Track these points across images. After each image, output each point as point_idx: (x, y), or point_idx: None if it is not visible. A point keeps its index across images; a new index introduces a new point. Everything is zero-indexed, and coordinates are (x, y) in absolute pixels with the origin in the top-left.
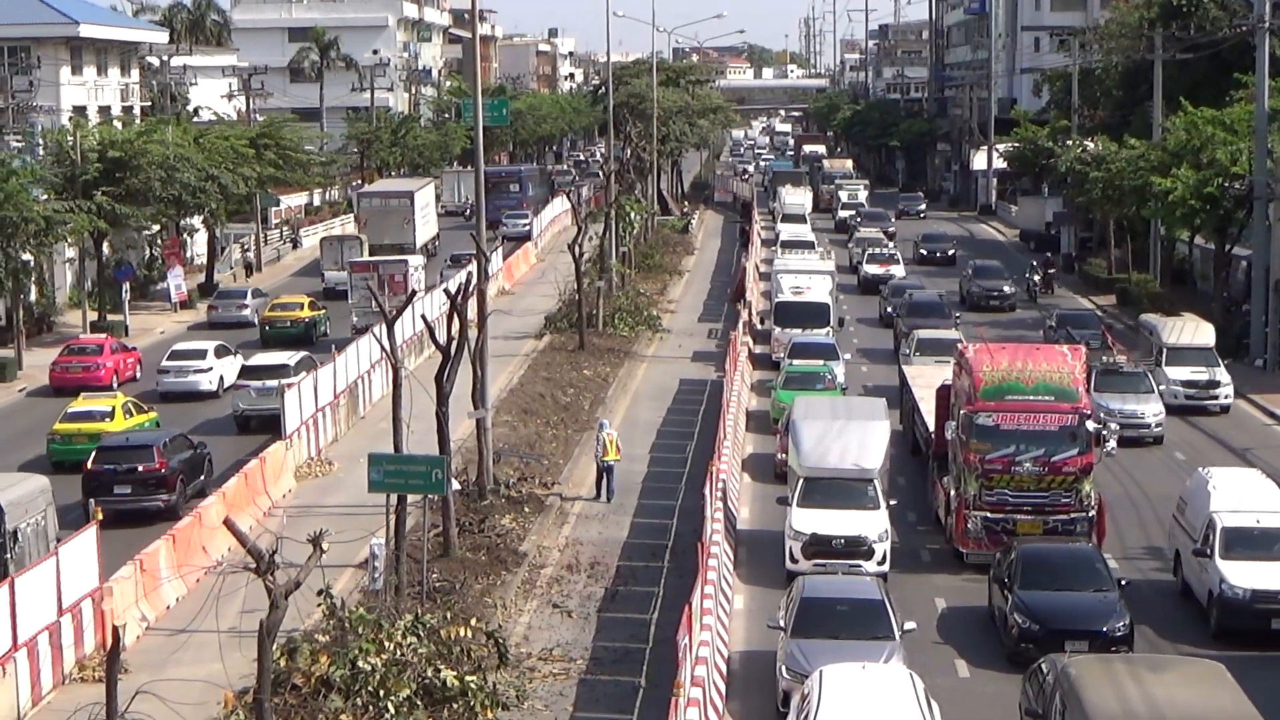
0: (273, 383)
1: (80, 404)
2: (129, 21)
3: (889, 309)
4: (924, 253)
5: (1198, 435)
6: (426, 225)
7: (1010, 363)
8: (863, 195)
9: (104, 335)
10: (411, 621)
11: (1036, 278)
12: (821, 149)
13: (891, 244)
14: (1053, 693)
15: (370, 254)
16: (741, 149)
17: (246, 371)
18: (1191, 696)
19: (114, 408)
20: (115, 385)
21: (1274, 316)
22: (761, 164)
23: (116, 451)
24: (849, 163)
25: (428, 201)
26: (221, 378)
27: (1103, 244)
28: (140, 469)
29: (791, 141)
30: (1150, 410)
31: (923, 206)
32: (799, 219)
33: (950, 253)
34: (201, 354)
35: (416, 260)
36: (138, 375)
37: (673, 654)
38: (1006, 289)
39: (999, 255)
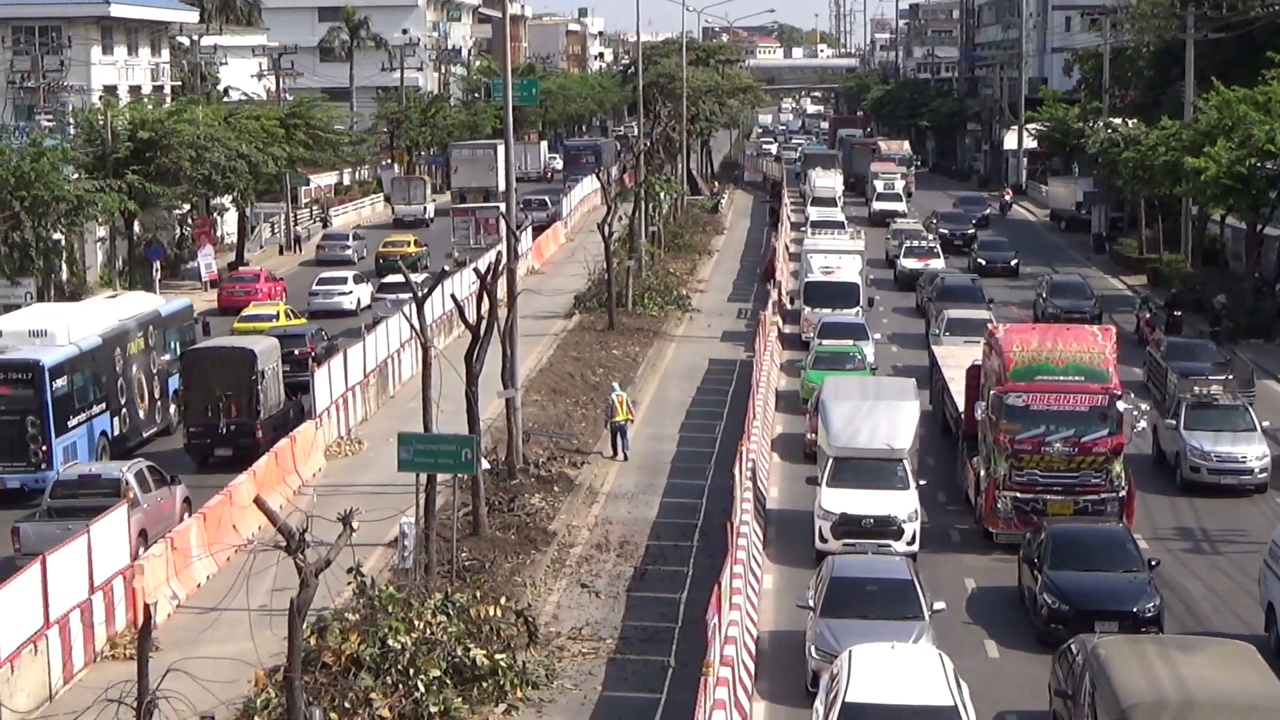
0: (403, 295)
1: (251, 310)
2: (159, 1)
3: (924, 298)
4: (982, 262)
5: None
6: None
7: (1041, 343)
8: (900, 185)
9: (259, 267)
10: (441, 600)
11: (1147, 316)
12: (858, 132)
13: (931, 236)
14: (1082, 673)
15: (459, 195)
16: (773, 130)
17: (383, 287)
18: (1222, 677)
19: (277, 312)
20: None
21: None
22: (791, 145)
23: (282, 338)
24: (905, 144)
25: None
26: (359, 299)
27: (1134, 224)
28: (296, 352)
29: (825, 125)
30: (1253, 453)
31: (986, 211)
32: (829, 202)
33: (1013, 262)
34: (344, 280)
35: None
36: (284, 298)
37: (702, 633)
38: (1089, 308)
39: (1028, 236)
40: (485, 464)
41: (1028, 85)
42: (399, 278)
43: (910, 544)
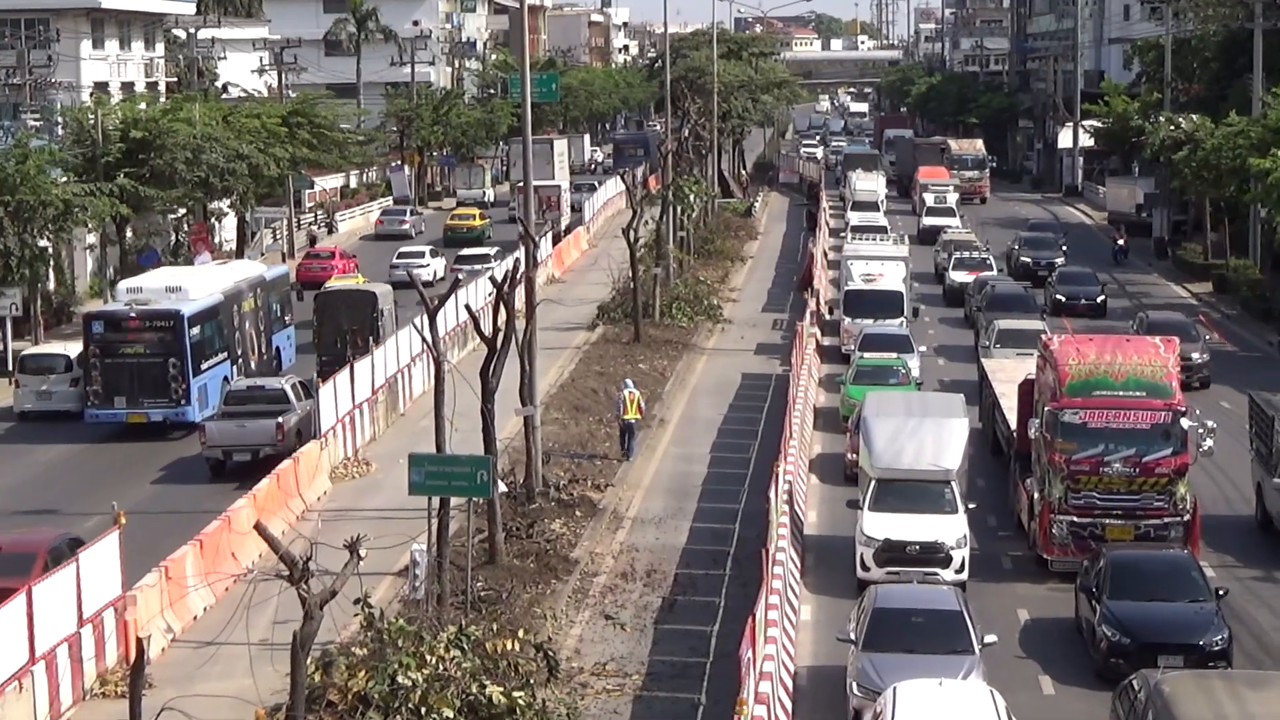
0: (480, 266)
1: (333, 283)
2: None
3: (973, 307)
4: (1061, 299)
5: None
6: (562, 168)
7: (1099, 355)
8: (953, 198)
9: (333, 245)
10: (455, 634)
11: None
12: (907, 132)
13: (984, 246)
14: (1144, 711)
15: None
16: (815, 130)
17: (460, 259)
18: None
19: (356, 284)
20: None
21: None
22: (833, 149)
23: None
24: (979, 144)
25: (563, 151)
26: (435, 270)
27: (1198, 227)
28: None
29: (871, 124)
30: None
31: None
32: (871, 206)
33: (1100, 299)
34: (421, 254)
35: (566, 185)
36: (357, 272)
37: (735, 669)
38: (1197, 357)
39: (1085, 242)
40: (502, 487)
41: (1084, 79)
42: (476, 249)
43: (959, 572)
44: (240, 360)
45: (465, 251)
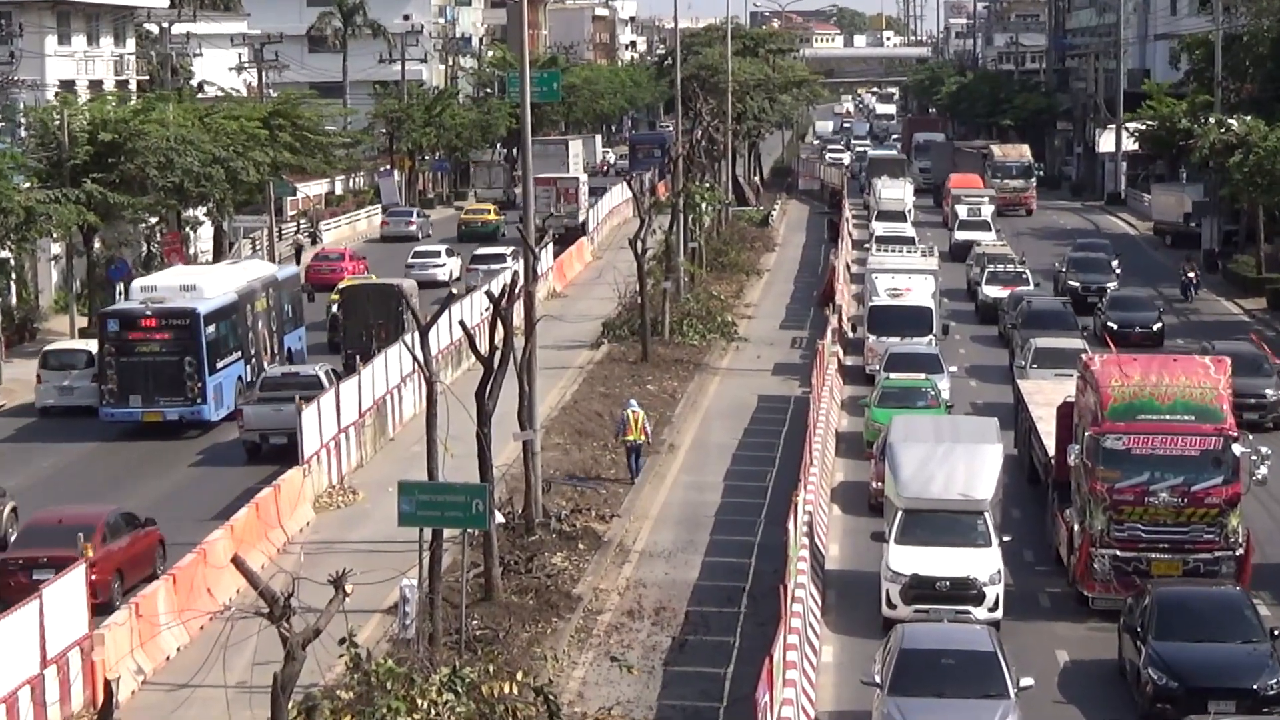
0: (495, 266)
1: (347, 282)
2: None
3: (1008, 324)
4: (1114, 326)
5: None
6: (576, 167)
7: (1143, 376)
8: (988, 211)
9: (344, 247)
10: (448, 676)
11: None
12: (939, 136)
13: (1020, 259)
14: None
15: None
16: (840, 135)
17: (475, 258)
18: None
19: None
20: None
21: None
22: (858, 154)
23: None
24: (1025, 150)
25: (578, 152)
26: (451, 270)
27: (1250, 238)
28: None
29: (898, 126)
30: None
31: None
32: (897, 216)
33: (1157, 327)
34: (437, 253)
35: (584, 178)
36: (368, 273)
37: (751, 715)
38: (1272, 393)
39: (1129, 254)
40: (499, 517)
41: (1127, 78)
42: (491, 248)
43: (992, 610)
44: (254, 360)
45: (481, 251)
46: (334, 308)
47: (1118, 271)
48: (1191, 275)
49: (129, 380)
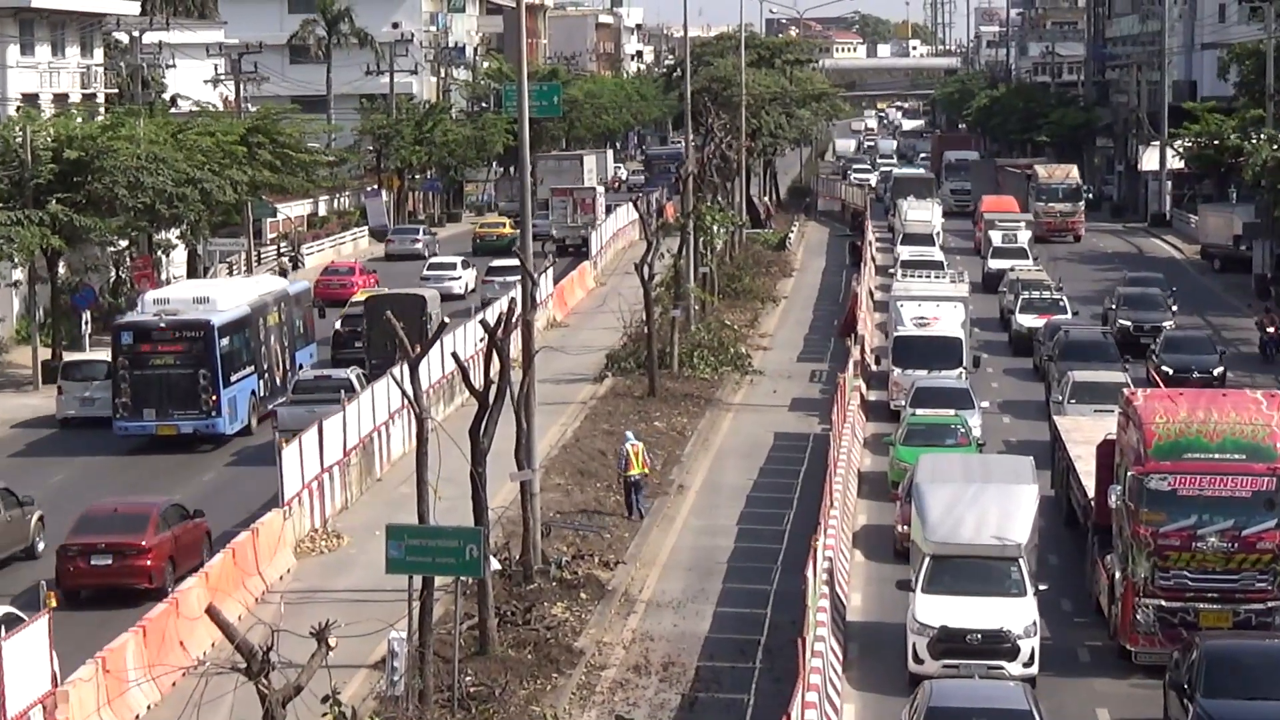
0: (511, 278)
1: (360, 295)
2: None
3: (1043, 356)
4: (1169, 370)
5: None
6: (591, 181)
7: (1190, 412)
8: (1025, 237)
9: (354, 260)
10: None
11: None
12: (973, 155)
13: (1058, 286)
14: None
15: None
16: (865, 153)
17: (491, 271)
18: None
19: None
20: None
21: None
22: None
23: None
24: (1073, 171)
25: (593, 167)
26: (467, 283)
27: None
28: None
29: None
30: None
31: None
32: (925, 239)
33: (1218, 371)
34: (453, 265)
35: (601, 190)
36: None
37: None
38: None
39: (1175, 279)
40: (495, 564)
41: (1172, 90)
42: (508, 261)
43: (1028, 665)
44: (266, 374)
45: (497, 263)
46: (339, 324)
47: (1174, 308)
48: (1272, 330)
49: (143, 393)
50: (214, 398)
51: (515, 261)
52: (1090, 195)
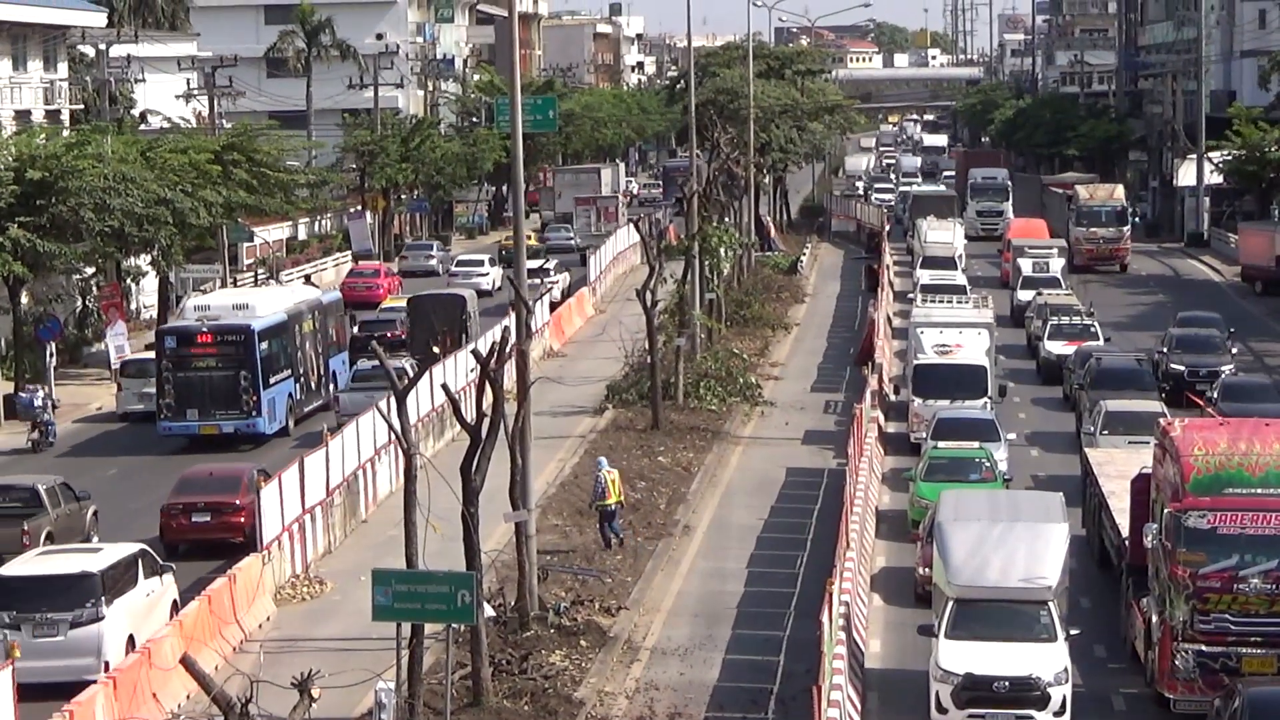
0: (536, 280)
1: (388, 302)
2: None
3: (1074, 385)
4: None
5: None
6: (609, 192)
7: (1231, 444)
8: (1057, 265)
9: (378, 263)
10: None
11: None
12: (1001, 173)
13: (1089, 310)
14: None
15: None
16: (885, 172)
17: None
18: None
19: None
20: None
21: None
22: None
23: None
24: (1119, 190)
25: (608, 180)
26: (494, 280)
27: None
28: (390, 335)
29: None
30: None
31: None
32: (946, 263)
33: None
34: (481, 263)
35: (622, 198)
36: (402, 291)
37: None
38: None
39: (1214, 303)
40: (489, 610)
41: (1210, 101)
42: (534, 264)
43: (1059, 714)
44: (302, 379)
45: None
46: (355, 329)
47: (1234, 352)
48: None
49: (185, 395)
50: (254, 399)
51: (538, 263)
52: (1137, 220)
